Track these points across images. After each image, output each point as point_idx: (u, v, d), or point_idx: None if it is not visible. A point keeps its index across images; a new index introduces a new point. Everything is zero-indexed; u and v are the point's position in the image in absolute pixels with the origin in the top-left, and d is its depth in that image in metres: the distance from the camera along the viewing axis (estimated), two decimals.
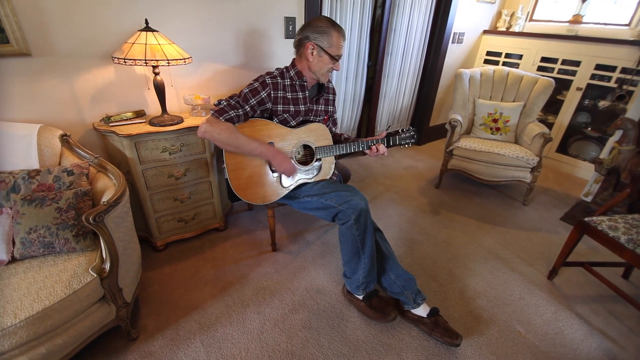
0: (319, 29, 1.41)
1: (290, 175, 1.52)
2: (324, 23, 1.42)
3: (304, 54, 1.46)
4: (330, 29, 1.41)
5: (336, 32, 1.42)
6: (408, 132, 1.56)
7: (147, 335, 1.37)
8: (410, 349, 1.36)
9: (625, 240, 1.43)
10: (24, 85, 1.39)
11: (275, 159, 1.44)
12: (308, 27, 1.44)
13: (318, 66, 1.48)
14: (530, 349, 1.39)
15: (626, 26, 2.81)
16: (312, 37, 1.42)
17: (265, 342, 1.37)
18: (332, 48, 1.43)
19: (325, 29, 1.41)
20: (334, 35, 1.41)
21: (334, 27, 1.42)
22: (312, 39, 1.42)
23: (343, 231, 1.46)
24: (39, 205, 1.17)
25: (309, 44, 1.43)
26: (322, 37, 1.41)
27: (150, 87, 1.66)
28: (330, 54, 1.44)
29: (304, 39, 1.44)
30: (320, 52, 1.44)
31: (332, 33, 1.41)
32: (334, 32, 1.41)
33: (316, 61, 1.46)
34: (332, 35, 1.41)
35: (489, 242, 2.07)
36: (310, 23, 1.44)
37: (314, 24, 1.43)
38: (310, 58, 1.46)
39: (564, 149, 3.19)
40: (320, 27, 1.41)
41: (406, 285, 1.46)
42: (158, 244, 1.81)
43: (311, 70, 1.50)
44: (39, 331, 0.99)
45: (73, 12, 1.40)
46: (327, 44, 1.42)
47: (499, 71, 2.70)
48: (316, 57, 1.45)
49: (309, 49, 1.44)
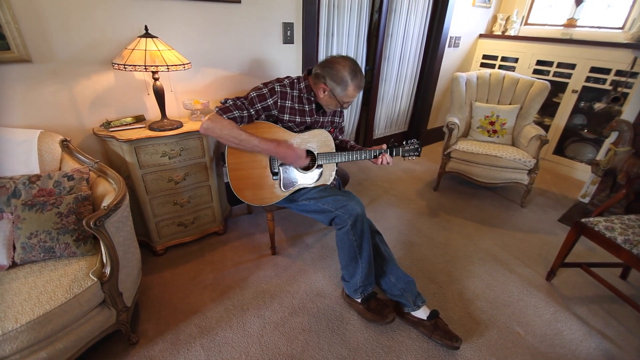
0: (338, 79, 1.39)
1: (298, 163, 1.50)
2: (345, 73, 1.38)
3: (317, 87, 1.46)
4: (349, 82, 1.40)
5: (353, 86, 1.41)
6: (412, 145, 1.57)
7: (148, 340, 1.37)
8: (410, 352, 1.37)
9: (621, 240, 1.44)
10: (24, 91, 1.41)
11: (279, 150, 1.42)
12: (328, 69, 1.40)
13: (325, 102, 1.50)
14: (529, 350, 1.40)
15: (620, 29, 2.85)
16: (329, 82, 1.42)
17: (265, 345, 1.37)
18: (344, 97, 1.44)
19: (343, 81, 1.39)
20: (350, 88, 1.41)
21: (354, 80, 1.40)
22: (327, 83, 1.42)
23: (340, 236, 1.47)
24: (40, 210, 1.18)
25: (323, 85, 1.43)
26: (337, 86, 1.41)
27: (149, 92, 1.68)
28: (339, 101, 1.45)
29: (321, 78, 1.43)
30: (332, 96, 1.45)
31: (349, 86, 1.41)
32: (350, 86, 1.41)
33: (326, 99, 1.48)
34: (348, 88, 1.41)
35: (487, 244, 2.08)
36: (333, 66, 1.39)
37: (335, 70, 1.39)
38: (321, 95, 1.47)
39: (560, 151, 3.21)
40: (340, 77, 1.39)
41: (406, 288, 1.47)
42: (158, 248, 1.82)
43: (318, 101, 1.52)
44: (40, 335, 1.00)
45: (73, 18, 1.41)
46: (340, 93, 1.42)
47: (495, 74, 2.73)
48: (326, 97, 1.47)
49: (321, 90, 1.45)
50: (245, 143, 1.40)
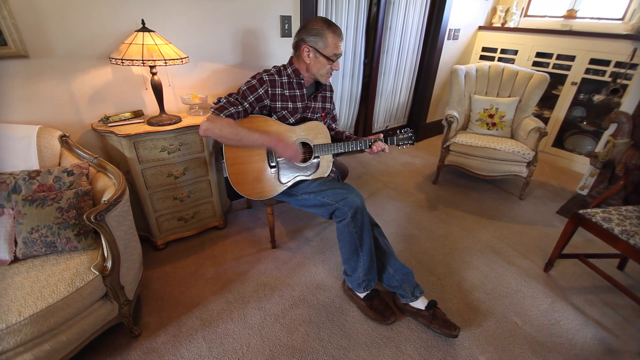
0: (314, 31, 1.41)
1: (295, 160, 1.51)
2: (319, 25, 1.41)
3: (301, 56, 1.47)
4: (325, 30, 1.40)
5: (331, 33, 1.41)
6: (406, 134, 1.57)
7: (150, 332, 1.39)
8: (409, 341, 1.39)
9: (619, 231, 1.45)
10: (22, 87, 1.40)
11: (278, 145, 1.43)
12: (303, 29, 1.44)
13: (316, 67, 1.48)
14: (526, 340, 1.42)
15: (620, 20, 2.83)
16: (308, 39, 1.42)
17: (266, 337, 1.39)
18: (327, 49, 1.43)
19: (320, 31, 1.40)
20: (329, 36, 1.41)
21: (330, 27, 1.41)
22: (307, 41, 1.43)
23: (340, 229, 1.48)
24: (40, 205, 1.18)
25: (305, 47, 1.44)
26: (317, 39, 1.41)
27: (147, 87, 1.67)
28: (325, 55, 1.44)
29: (300, 42, 1.45)
30: (317, 54, 1.44)
31: (327, 34, 1.41)
32: (329, 33, 1.41)
33: (313, 63, 1.47)
34: (327, 36, 1.41)
35: (485, 236, 2.09)
36: (306, 25, 1.44)
37: (309, 27, 1.43)
38: (307, 60, 1.47)
39: (559, 143, 3.21)
40: (315, 29, 1.41)
41: (404, 279, 1.48)
42: (158, 243, 1.83)
43: (310, 72, 1.51)
44: (43, 329, 1.01)
45: (70, 13, 1.40)
46: (322, 46, 1.42)
47: (495, 67, 2.72)
48: (313, 59, 1.46)
49: (305, 52, 1.45)
50: (246, 139, 1.41)
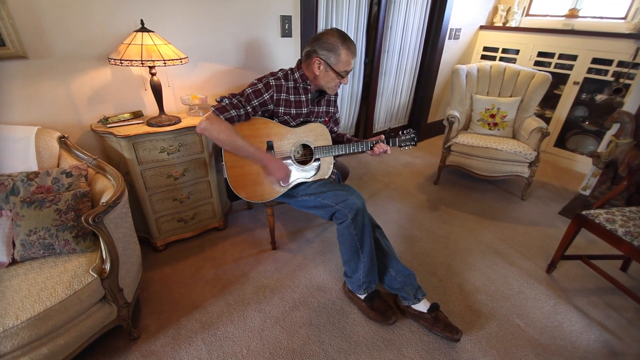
0: (328, 45, 1.38)
1: (284, 183, 1.53)
2: (335, 39, 1.38)
3: (311, 66, 1.45)
4: (339, 46, 1.37)
5: (346, 50, 1.39)
6: (408, 135, 1.56)
7: (149, 335, 1.38)
8: (411, 344, 1.37)
9: (622, 232, 1.43)
10: (21, 87, 1.39)
11: (270, 164, 1.44)
12: (318, 41, 1.40)
13: (325, 80, 1.47)
14: (529, 342, 1.40)
15: (622, 19, 2.81)
16: (320, 52, 1.40)
17: (266, 339, 1.38)
18: (339, 65, 1.41)
19: (334, 46, 1.37)
20: (342, 53, 1.38)
21: (345, 44, 1.38)
22: (319, 54, 1.40)
23: (341, 230, 1.46)
24: (39, 207, 1.17)
25: (316, 59, 1.41)
26: (330, 54, 1.39)
27: (147, 87, 1.66)
28: (336, 71, 1.42)
29: (312, 52, 1.42)
30: (327, 68, 1.42)
31: (342, 51, 1.38)
32: (343, 50, 1.38)
33: (323, 76, 1.45)
34: (340, 53, 1.38)
35: (487, 237, 2.08)
36: (321, 37, 1.40)
37: (323, 39, 1.39)
38: (317, 72, 1.44)
39: (562, 143, 3.19)
40: (330, 43, 1.37)
41: (406, 281, 1.47)
42: (158, 244, 1.82)
43: (317, 83, 1.49)
44: (41, 332, 1.00)
45: (68, 13, 1.39)
46: (334, 61, 1.40)
47: (496, 66, 2.70)
48: (322, 72, 1.44)
49: (316, 64, 1.42)
50: (241, 150, 1.40)
